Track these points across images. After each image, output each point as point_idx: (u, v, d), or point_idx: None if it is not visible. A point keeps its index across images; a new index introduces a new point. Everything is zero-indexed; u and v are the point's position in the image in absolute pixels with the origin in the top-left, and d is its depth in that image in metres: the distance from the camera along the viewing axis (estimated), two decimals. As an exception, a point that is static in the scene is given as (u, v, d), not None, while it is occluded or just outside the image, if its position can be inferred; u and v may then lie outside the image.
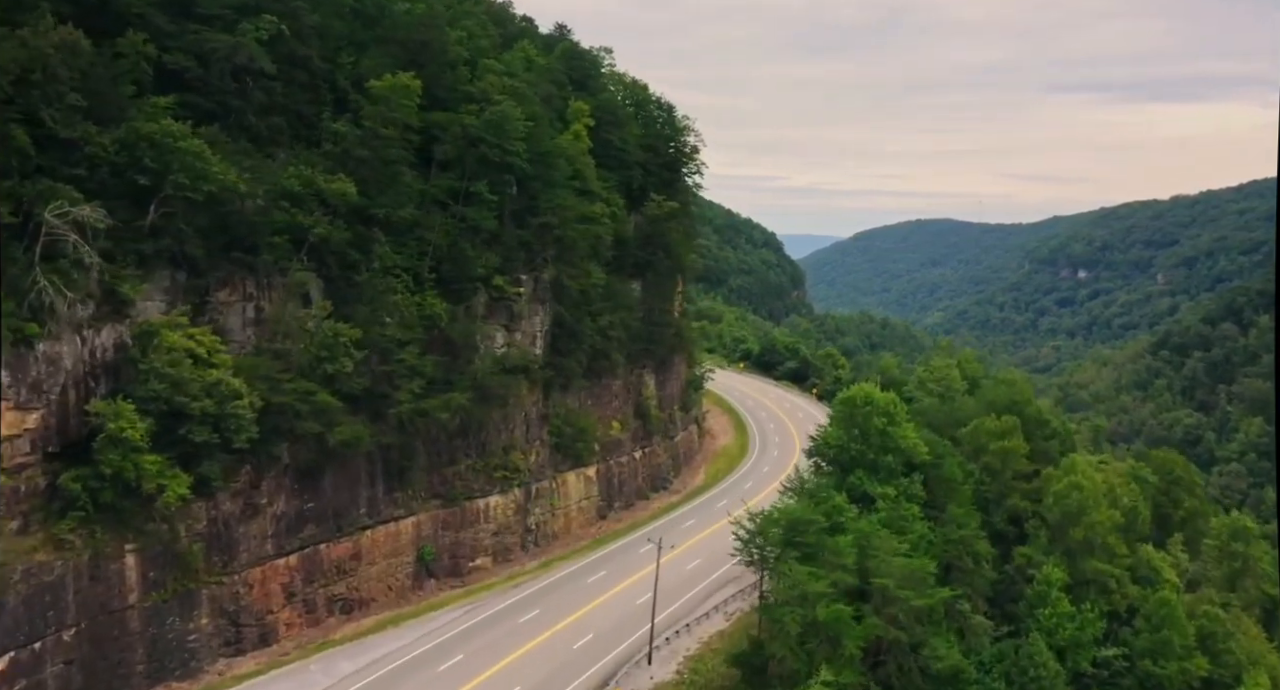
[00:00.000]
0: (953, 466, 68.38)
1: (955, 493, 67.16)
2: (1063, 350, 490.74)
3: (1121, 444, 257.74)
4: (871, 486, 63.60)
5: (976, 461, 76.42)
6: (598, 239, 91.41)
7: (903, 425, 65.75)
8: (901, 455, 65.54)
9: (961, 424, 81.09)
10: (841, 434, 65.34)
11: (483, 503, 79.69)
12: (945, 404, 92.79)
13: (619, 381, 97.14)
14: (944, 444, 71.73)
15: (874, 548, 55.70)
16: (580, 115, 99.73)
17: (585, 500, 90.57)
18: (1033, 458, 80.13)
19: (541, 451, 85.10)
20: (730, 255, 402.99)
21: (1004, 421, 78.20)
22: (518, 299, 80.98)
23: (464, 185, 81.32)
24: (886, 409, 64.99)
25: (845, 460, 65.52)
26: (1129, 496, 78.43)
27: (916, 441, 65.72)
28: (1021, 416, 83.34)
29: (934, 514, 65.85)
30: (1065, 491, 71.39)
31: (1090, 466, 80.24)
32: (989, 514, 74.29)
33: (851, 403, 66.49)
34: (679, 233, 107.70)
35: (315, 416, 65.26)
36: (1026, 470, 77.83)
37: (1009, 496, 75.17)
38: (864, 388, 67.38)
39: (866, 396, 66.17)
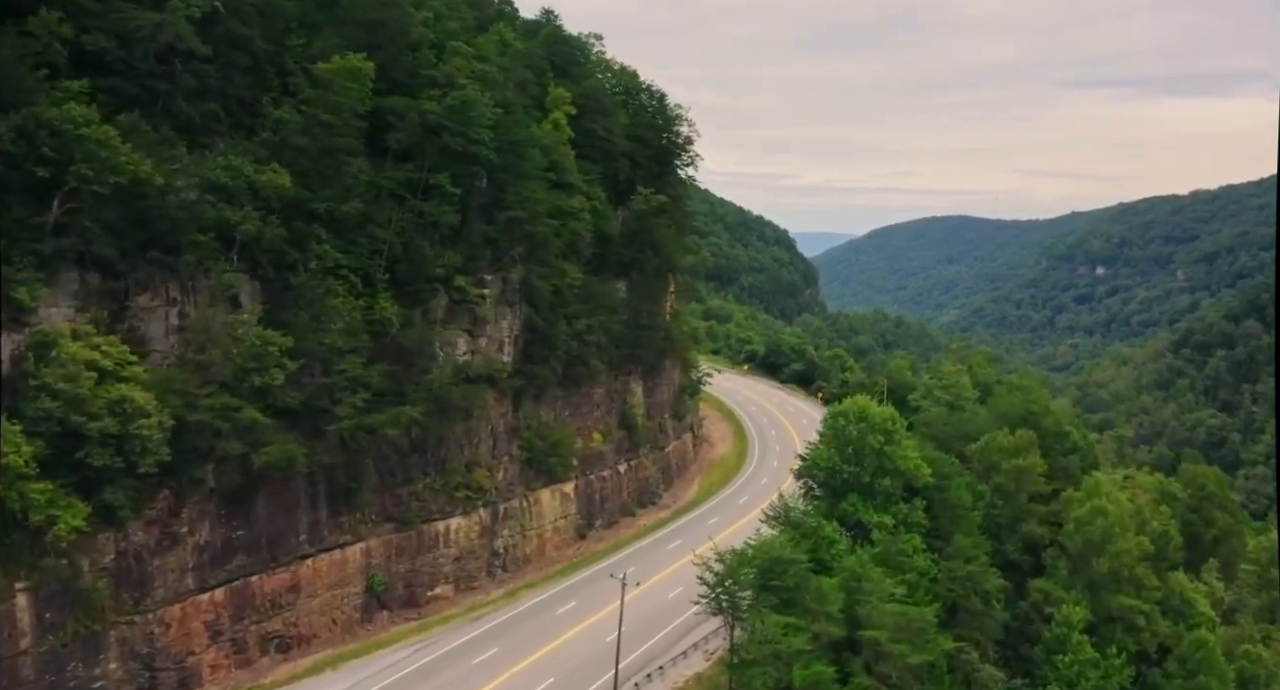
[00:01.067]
0: (960, 490, 59.72)
1: (962, 520, 58.55)
2: (1081, 348, 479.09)
3: (1143, 445, 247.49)
4: (866, 514, 55.16)
5: (987, 482, 67.70)
6: (575, 235, 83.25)
7: (902, 443, 57.18)
8: (901, 478, 56.99)
9: (971, 438, 72.36)
10: (832, 454, 56.89)
11: (442, 525, 71.71)
12: (954, 414, 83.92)
13: (601, 389, 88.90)
14: (950, 462, 63.10)
15: (865, 592, 47.24)
16: (560, 103, 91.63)
17: (562, 519, 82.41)
18: (1051, 476, 71.35)
19: (510, 468, 76.99)
20: (741, 253, 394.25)
21: (1018, 437, 69.46)
22: (481, 301, 72.92)
23: (423, 177, 73.47)
24: (883, 426, 56.45)
25: (837, 484, 57.04)
26: (1159, 520, 69.49)
27: (918, 462, 57.15)
28: (1038, 429, 74.50)
29: (938, 544, 57.37)
30: (1088, 517, 62.50)
31: (1115, 486, 71.38)
32: (1001, 541, 65.60)
33: (844, 418, 57.93)
34: (668, 228, 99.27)
35: (238, 435, 57.42)
36: (1044, 491, 69.02)
37: (1024, 522, 66.47)
38: (858, 401, 58.83)
39: (860, 411, 57.65)
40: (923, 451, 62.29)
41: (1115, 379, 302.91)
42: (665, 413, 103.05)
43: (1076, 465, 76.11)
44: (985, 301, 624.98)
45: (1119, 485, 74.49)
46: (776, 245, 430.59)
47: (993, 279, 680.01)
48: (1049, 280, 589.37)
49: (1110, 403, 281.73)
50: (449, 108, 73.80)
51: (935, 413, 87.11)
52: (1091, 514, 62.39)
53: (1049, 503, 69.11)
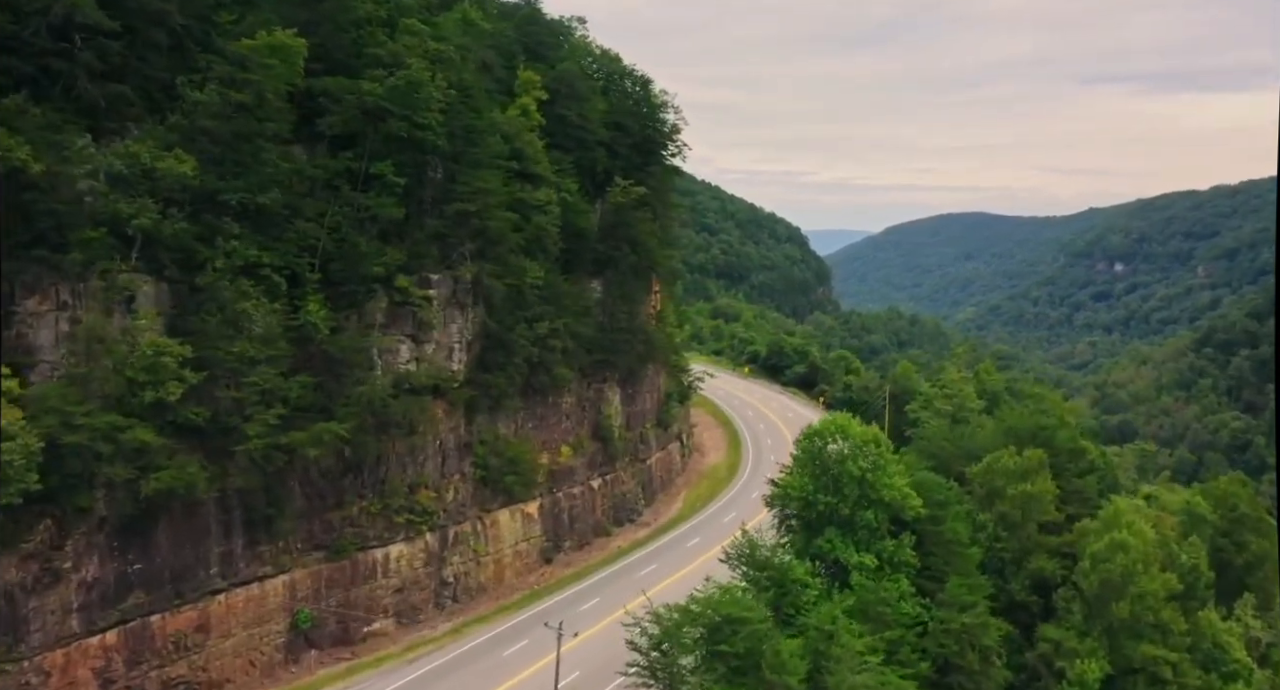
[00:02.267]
0: (956, 523, 50.94)
1: (958, 558, 49.76)
2: (1099, 347, 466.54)
3: (1163, 449, 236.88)
4: (845, 553, 46.64)
5: (990, 509, 58.82)
6: (540, 230, 74.97)
7: (889, 469, 48.50)
8: (887, 509, 48.39)
9: (974, 456, 63.43)
10: (806, 482, 48.41)
11: (380, 553, 63.64)
12: (956, 429, 74.85)
13: (570, 398, 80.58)
14: (948, 488, 54.27)
15: (834, 657, 38.64)
16: (530, 87, 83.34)
17: (524, 542, 74.16)
18: (1064, 500, 62.34)
19: (462, 487, 68.82)
20: (752, 251, 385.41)
21: (1027, 458, 60.50)
22: (426, 304, 64.75)
23: (363, 166, 65.51)
24: (866, 449, 47.80)
25: (812, 517, 48.57)
26: (1188, 553, 60.43)
27: (907, 493, 48.50)
28: (1050, 445, 65.48)
29: (930, 586, 48.77)
30: (1106, 553, 53.43)
31: (1137, 512, 62.35)
32: (1005, 579, 56.69)
33: (819, 440, 49.32)
34: (650, 223, 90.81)
35: (126, 458, 49.62)
36: (1056, 519, 60.10)
37: (1032, 557, 57.47)
38: (837, 420, 50.21)
39: (838, 431, 49.04)
40: (915, 475, 53.49)
41: (1135, 379, 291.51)
42: (647, 422, 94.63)
43: (1093, 488, 66.87)
44: (1002, 299, 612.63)
45: (1141, 510, 65.22)
46: (788, 243, 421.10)
47: (1010, 276, 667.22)
48: (1067, 277, 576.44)
49: (1129, 404, 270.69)
50: (392, 89, 65.83)
51: (934, 427, 78.09)
52: (1110, 549, 53.32)
53: (1061, 533, 59.99)
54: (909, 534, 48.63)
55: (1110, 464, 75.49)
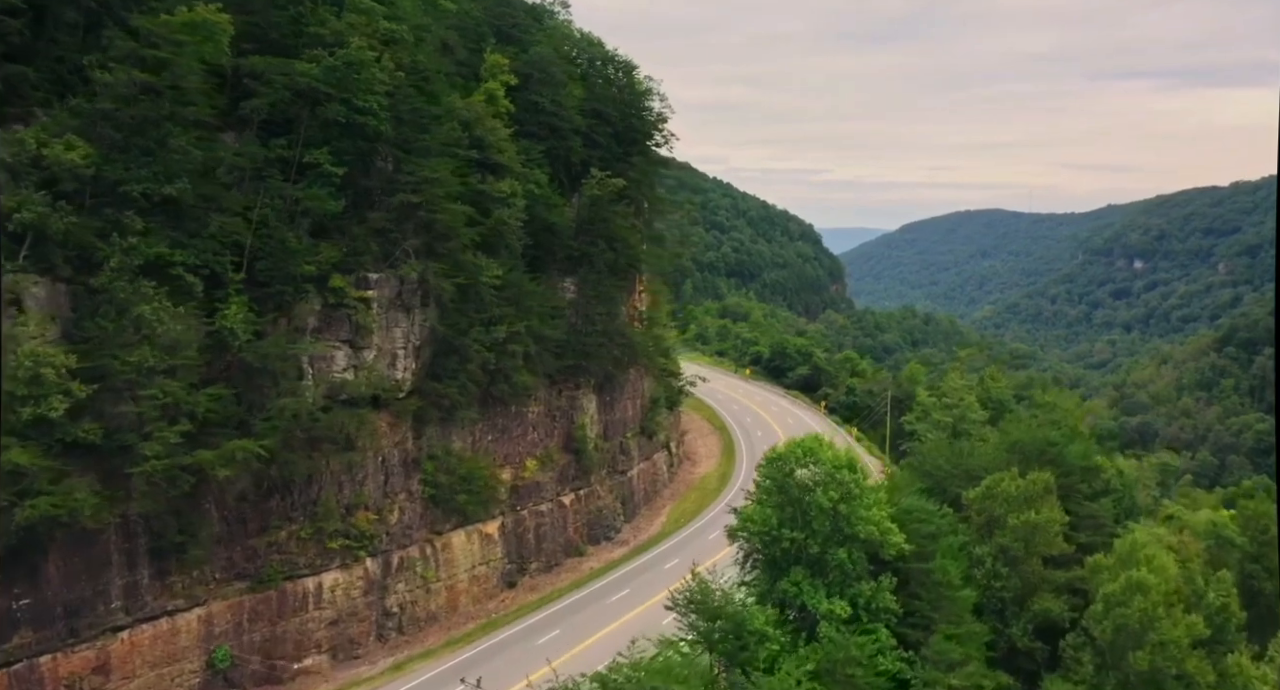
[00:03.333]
0: (947, 561, 43.50)
1: (948, 603, 42.41)
2: (1118, 345, 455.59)
3: (1185, 451, 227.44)
4: (814, 598, 39.37)
5: (988, 540, 51.34)
6: (501, 224, 68.10)
7: (865, 500, 41.10)
8: (864, 547, 41.11)
9: (974, 477, 55.99)
10: (769, 514, 41.18)
11: (312, 582, 56.92)
12: (955, 444, 67.01)
13: (538, 408, 73.63)
14: (939, 516, 46.79)
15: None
16: (497, 71, 76.41)
17: (482, 566, 67.31)
18: (1075, 527, 54.82)
19: (409, 508, 62.02)
20: (764, 249, 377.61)
21: (1031, 481, 52.92)
22: (363, 306, 57.94)
23: (296, 154, 58.85)
24: (838, 477, 40.45)
25: (777, 555, 41.37)
26: (1217, 591, 52.57)
27: (886, 528, 41.15)
28: (1061, 465, 57.93)
29: (916, 636, 41.48)
30: (1122, 595, 45.69)
31: (1158, 542, 54.58)
32: (1005, 622, 49.10)
33: (781, 464, 41.94)
34: (631, 217, 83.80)
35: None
36: (1065, 552, 52.50)
37: (1036, 596, 49.87)
38: (808, 441, 42.87)
39: (806, 454, 41.64)
40: (903, 502, 46.19)
41: (1155, 379, 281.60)
42: (629, 431, 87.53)
43: (1109, 512, 59.02)
44: (1019, 297, 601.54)
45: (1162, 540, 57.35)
46: (801, 240, 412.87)
47: (1027, 274, 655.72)
48: (1085, 275, 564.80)
49: (1150, 405, 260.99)
50: (329, 70, 59.12)
51: (931, 442, 70.38)
52: (1127, 591, 45.60)
53: (1070, 567, 52.41)
54: (889, 575, 41.37)
55: (1129, 484, 67.49)
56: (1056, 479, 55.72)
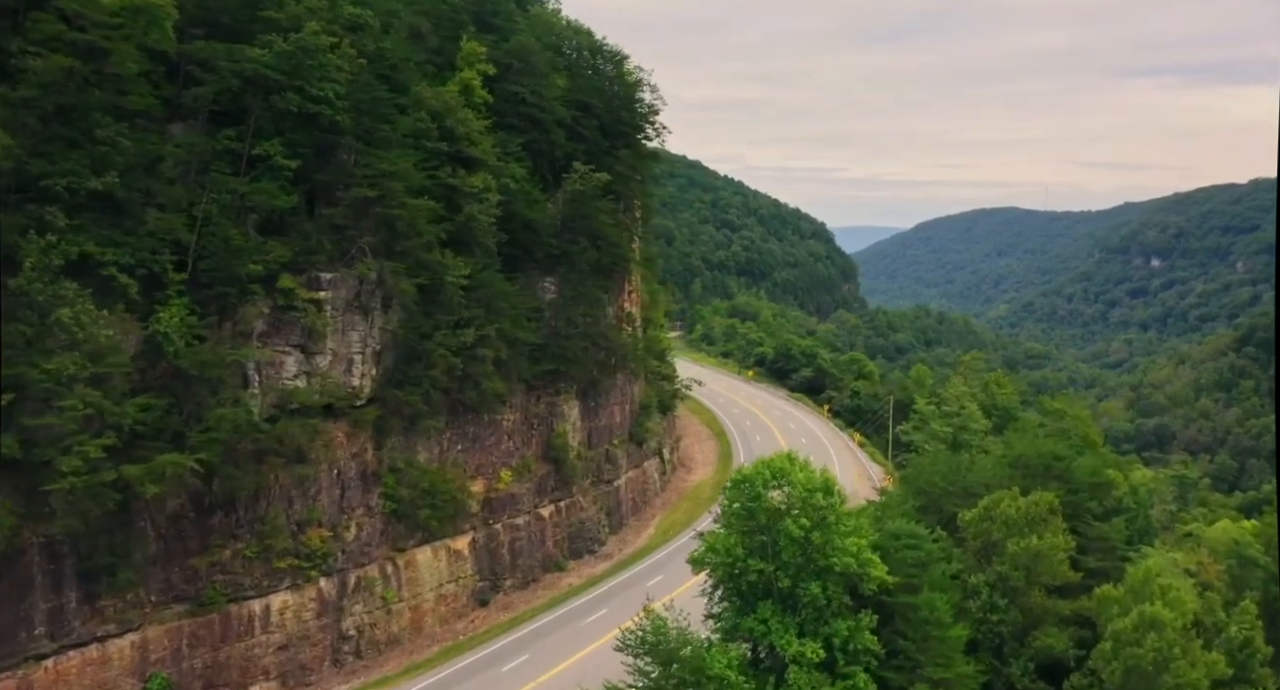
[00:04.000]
0: (935, 595, 38.53)
1: (935, 645, 37.53)
2: (1135, 344, 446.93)
3: (1203, 455, 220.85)
4: (783, 639, 34.66)
5: (986, 568, 46.30)
6: (471, 220, 63.75)
7: (840, 527, 36.23)
8: (840, 580, 36.33)
9: (973, 495, 51.00)
10: (734, 542, 36.51)
11: (259, 604, 52.66)
12: (954, 458, 61.70)
13: (514, 415, 69.18)
14: (930, 541, 41.87)
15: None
16: (473, 59, 72.00)
17: (450, 584, 62.92)
18: (1083, 549, 49.73)
19: (368, 524, 57.68)
20: (776, 247, 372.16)
21: (1033, 502, 47.81)
22: (314, 308, 53.63)
23: (247, 146, 54.68)
24: (811, 502, 35.58)
25: (743, 588, 36.69)
26: (1239, 624, 47.34)
27: (866, 559, 36.30)
28: (1068, 481, 52.89)
29: (899, 680, 36.67)
30: (1133, 633, 40.68)
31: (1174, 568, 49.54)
32: (1002, 661, 44.14)
33: (748, 487, 37.12)
34: (617, 214, 79.26)
35: (-115, 506, 39.01)
36: (1071, 581, 47.41)
37: (1038, 630, 44.90)
38: (777, 461, 38.00)
39: (775, 475, 36.82)
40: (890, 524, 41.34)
41: (1172, 380, 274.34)
42: (615, 438, 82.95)
43: (1120, 534, 53.60)
44: (1035, 295, 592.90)
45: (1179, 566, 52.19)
46: (813, 239, 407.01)
47: (1043, 272, 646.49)
48: (1102, 273, 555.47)
49: (1167, 406, 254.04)
50: (281, 56, 54.90)
51: (928, 455, 65.10)
52: (1139, 628, 40.68)
53: (1076, 597, 47.39)
54: (869, 612, 36.67)
55: (1143, 502, 61.92)
56: (1063, 497, 50.75)
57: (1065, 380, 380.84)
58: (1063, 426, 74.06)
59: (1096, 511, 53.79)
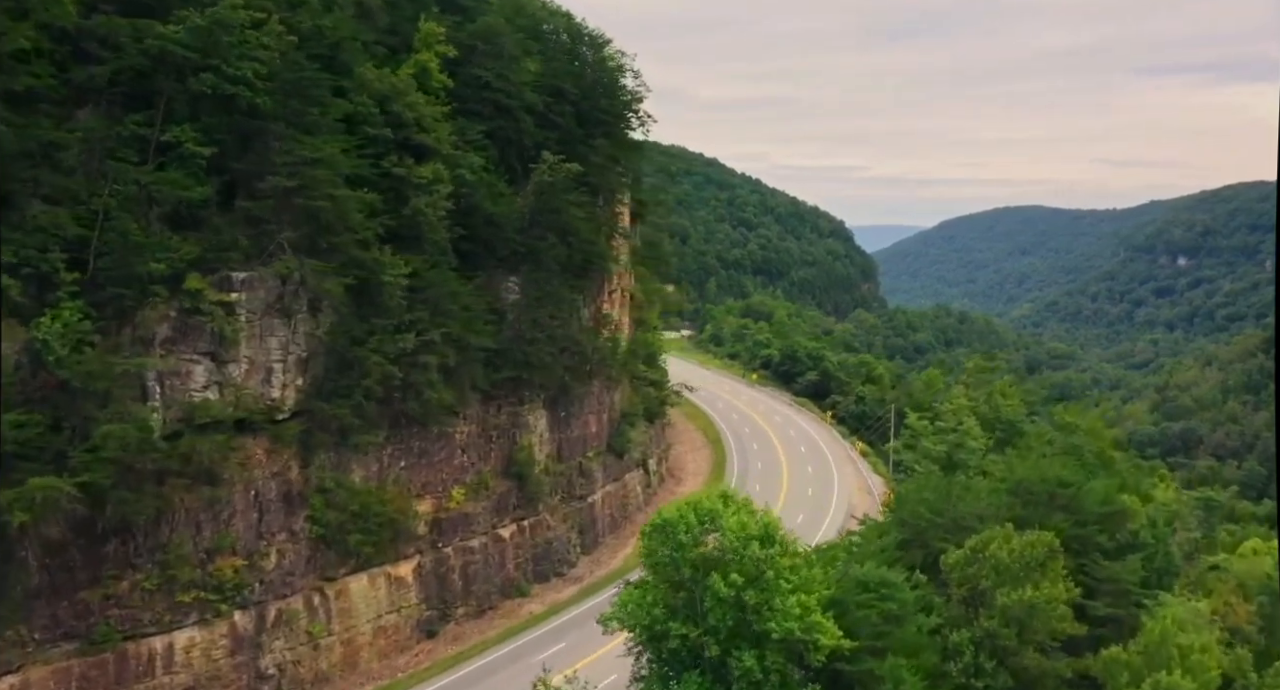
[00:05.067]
0: (900, 666, 31.55)
1: (904, 725, 30.79)
2: (1161, 345, 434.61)
3: (1230, 460, 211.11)
4: (714, 721, 28.12)
5: (971, 622, 39.08)
6: (418, 214, 57.43)
7: (780, 585, 29.38)
8: (781, 648, 29.46)
9: (964, 528, 43.83)
10: (653, 601, 29.73)
11: (161, 642, 46.58)
12: (945, 480, 54.13)
13: (469, 428, 62.80)
14: (905, 590, 34.89)
15: None
16: (431, 40, 65.69)
17: (391, 614, 56.61)
18: (1091, 593, 42.32)
19: (291, 550, 51.46)
20: (793, 246, 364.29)
21: (1032, 542, 40.37)
22: (225, 312, 47.44)
23: (156, 131, 48.65)
24: (746, 554, 28.78)
25: (667, 654, 30.00)
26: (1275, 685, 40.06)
27: (814, 623, 29.35)
28: (1076, 511, 45.55)
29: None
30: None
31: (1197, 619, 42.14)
32: (992, 733, 37.39)
33: (669, 533, 30.35)
34: (589, 208, 72.62)
35: None
36: (1075, 635, 40.14)
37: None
38: (705, 502, 31.14)
39: (702, 519, 29.94)
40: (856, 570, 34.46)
41: (1199, 381, 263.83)
42: (591, 450, 76.38)
43: (1135, 575, 45.96)
44: (1059, 295, 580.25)
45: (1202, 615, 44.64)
46: (831, 237, 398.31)
47: (1067, 271, 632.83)
48: (1127, 272, 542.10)
49: (1193, 409, 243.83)
50: (194, 32, 48.78)
51: (919, 478, 57.82)
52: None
53: (1081, 653, 40.24)
54: (815, 688, 29.88)
55: (1162, 535, 53.81)
56: (1069, 530, 43.67)
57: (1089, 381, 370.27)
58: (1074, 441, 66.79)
59: (1108, 547, 46.38)
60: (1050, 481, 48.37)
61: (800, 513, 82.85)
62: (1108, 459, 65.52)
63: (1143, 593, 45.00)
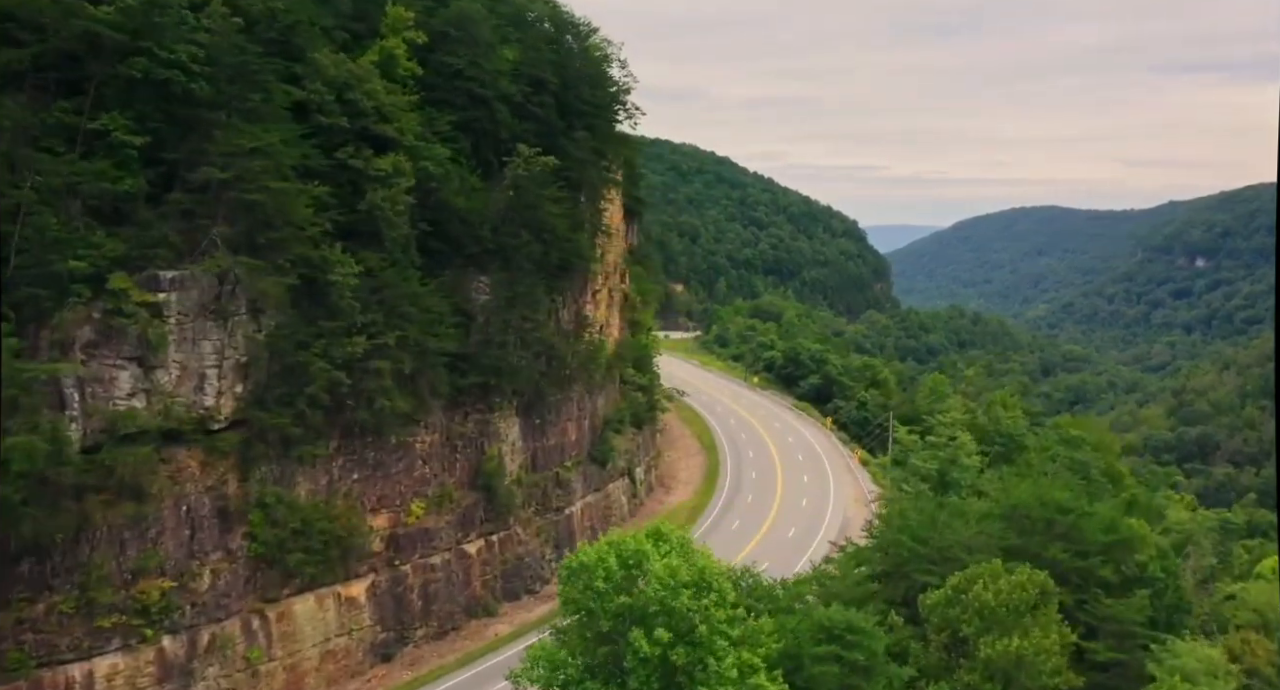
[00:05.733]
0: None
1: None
2: (1178, 347, 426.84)
3: (1248, 467, 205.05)
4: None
5: (950, 673, 34.52)
6: (374, 209, 53.49)
7: (720, 638, 25.25)
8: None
9: (950, 560, 39.19)
10: (565, 656, 25.49)
11: (79, 669, 42.82)
12: (931, 505, 49.04)
13: (431, 437, 58.79)
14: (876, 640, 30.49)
15: None
16: (399, 26, 61.74)
17: (341, 637, 52.69)
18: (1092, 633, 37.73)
19: (227, 570, 47.58)
20: (805, 245, 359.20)
21: (1021, 583, 35.75)
22: (140, 314, 43.58)
23: (84, 119, 44.90)
24: (674, 605, 24.58)
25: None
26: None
27: (756, 685, 25.19)
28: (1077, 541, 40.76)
29: None
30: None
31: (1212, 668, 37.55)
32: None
33: (587, 577, 26.08)
34: (567, 204, 68.50)
35: None
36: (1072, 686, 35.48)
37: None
38: (628, 541, 26.85)
39: (625, 562, 25.72)
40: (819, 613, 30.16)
41: (1216, 385, 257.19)
42: (569, 459, 72.27)
43: (1141, 613, 41.22)
44: (1075, 296, 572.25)
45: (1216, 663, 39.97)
46: (844, 237, 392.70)
47: (1084, 272, 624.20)
48: (1144, 273, 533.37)
49: (1211, 413, 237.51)
50: (126, 12, 45.02)
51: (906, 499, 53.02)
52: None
53: (1077, 707, 35.83)
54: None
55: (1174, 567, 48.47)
56: (1069, 561, 39.17)
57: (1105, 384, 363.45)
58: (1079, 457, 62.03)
59: (1112, 582, 41.73)
60: (1049, 506, 43.71)
61: (792, 526, 78.55)
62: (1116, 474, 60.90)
63: (1150, 635, 40.37)
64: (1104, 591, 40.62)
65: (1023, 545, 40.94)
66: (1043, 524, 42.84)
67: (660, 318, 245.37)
